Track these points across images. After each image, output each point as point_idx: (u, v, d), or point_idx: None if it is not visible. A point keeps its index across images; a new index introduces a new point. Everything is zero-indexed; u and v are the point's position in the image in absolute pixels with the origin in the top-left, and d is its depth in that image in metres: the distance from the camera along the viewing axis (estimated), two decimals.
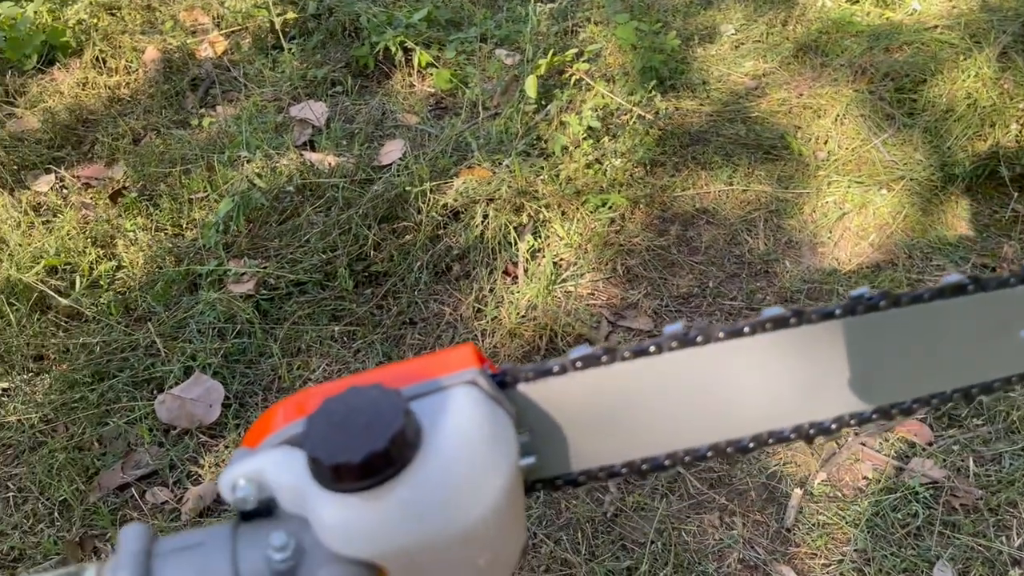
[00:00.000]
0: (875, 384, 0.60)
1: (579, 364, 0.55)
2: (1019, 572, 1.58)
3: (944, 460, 1.79)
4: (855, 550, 1.65)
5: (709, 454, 0.59)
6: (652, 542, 1.66)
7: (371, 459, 0.42)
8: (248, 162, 2.55)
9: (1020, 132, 2.42)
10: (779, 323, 0.57)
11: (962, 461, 1.78)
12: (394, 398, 0.44)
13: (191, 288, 2.25)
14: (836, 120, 2.72)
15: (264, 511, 0.47)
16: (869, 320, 0.59)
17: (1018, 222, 2.39)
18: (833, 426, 0.60)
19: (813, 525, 1.71)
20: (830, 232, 2.45)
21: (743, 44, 3.21)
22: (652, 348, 0.56)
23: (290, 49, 3.16)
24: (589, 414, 0.57)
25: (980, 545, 1.64)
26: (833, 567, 1.64)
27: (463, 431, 0.46)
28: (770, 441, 0.59)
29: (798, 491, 1.75)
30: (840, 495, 1.75)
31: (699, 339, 0.56)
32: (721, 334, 0.56)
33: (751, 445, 0.59)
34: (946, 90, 2.60)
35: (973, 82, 2.52)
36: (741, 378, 0.58)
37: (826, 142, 2.70)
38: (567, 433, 0.57)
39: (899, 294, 0.59)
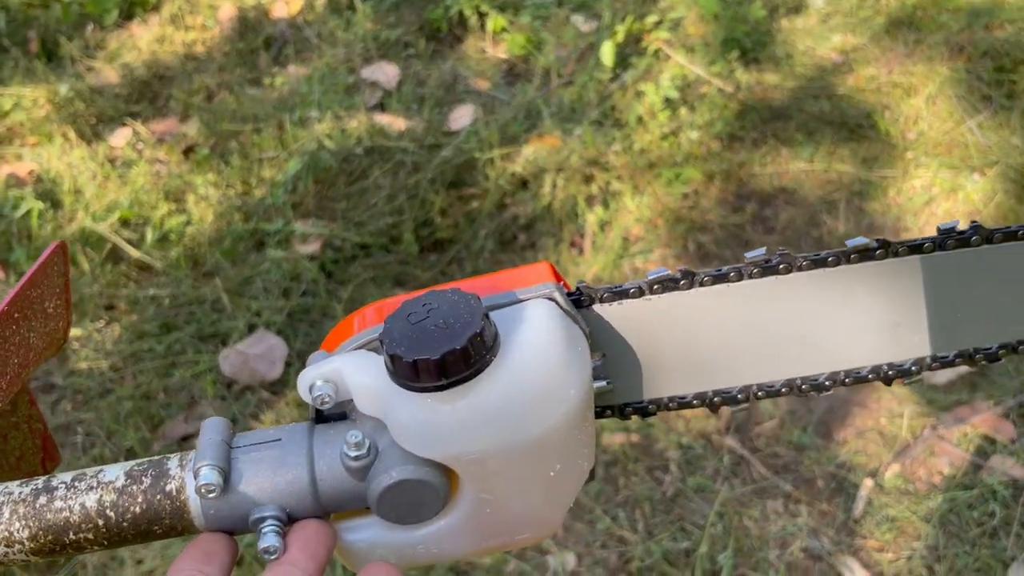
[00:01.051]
0: (960, 326, 0.58)
1: (656, 288, 0.54)
2: None
3: None
4: (926, 546, 1.58)
5: (783, 390, 0.57)
6: (712, 524, 1.62)
7: (449, 357, 0.42)
8: (318, 123, 2.54)
9: None
10: (865, 255, 0.55)
11: None
12: (473, 302, 0.45)
13: (258, 246, 2.26)
14: (928, 100, 2.59)
15: (340, 415, 0.49)
16: (959, 257, 0.56)
17: None
18: (914, 368, 0.58)
19: (882, 518, 1.64)
20: (915, 216, 2.34)
21: (832, 17, 3.07)
22: (732, 274, 0.54)
23: (364, 10, 3.14)
24: (663, 341, 0.56)
25: None
26: (902, 562, 1.57)
27: (539, 342, 0.47)
28: (847, 380, 0.58)
29: (868, 481, 1.68)
30: (913, 489, 1.68)
31: (782, 267, 0.54)
32: (804, 263, 0.54)
33: (827, 383, 0.57)
34: None
35: None
36: (822, 311, 0.56)
37: (916, 122, 2.57)
38: (640, 359, 0.56)
39: (993, 229, 0.55)
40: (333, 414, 0.50)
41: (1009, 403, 1.78)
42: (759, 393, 0.58)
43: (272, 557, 0.47)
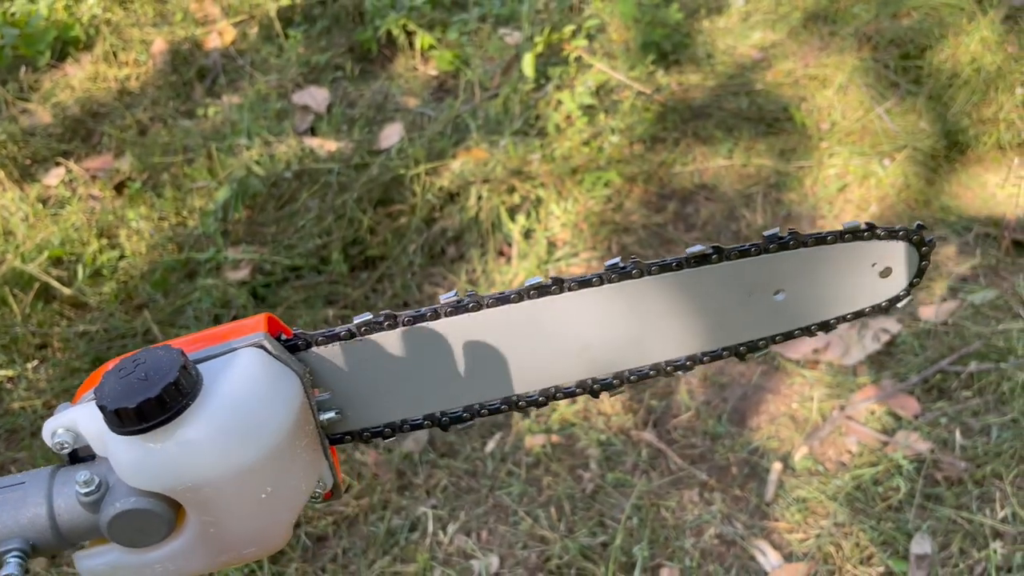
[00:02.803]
0: (652, 343, 0.67)
1: (364, 329, 0.62)
2: (1001, 544, 1.56)
3: (930, 433, 1.76)
4: (834, 524, 1.64)
5: (502, 407, 0.66)
6: (629, 518, 1.67)
7: (144, 405, 0.50)
8: (247, 149, 2.59)
9: None
10: (542, 291, 0.64)
11: (948, 434, 1.75)
12: (175, 355, 0.52)
13: (190, 275, 2.30)
14: (840, 90, 2.66)
15: (87, 456, 0.56)
16: (627, 287, 0.64)
17: (1022, 190, 2.32)
18: (615, 381, 0.68)
19: (793, 500, 1.69)
20: (830, 204, 2.41)
21: (752, 15, 3.15)
22: (429, 314, 0.63)
23: (295, 36, 3.19)
24: (383, 373, 0.64)
25: (962, 518, 1.62)
26: (811, 541, 1.63)
27: (242, 385, 0.54)
28: (558, 396, 0.67)
29: (778, 465, 1.73)
30: (822, 470, 1.74)
31: (471, 306, 0.63)
32: (489, 302, 0.63)
33: (541, 399, 0.66)
34: (951, 55, 2.53)
35: (978, 46, 2.45)
36: (513, 340, 0.65)
37: (829, 113, 2.65)
38: (367, 390, 0.64)
39: (650, 263, 0.63)
40: (86, 456, 0.57)
41: (913, 380, 1.85)
42: (482, 411, 0.66)
43: None
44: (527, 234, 2.34)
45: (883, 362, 1.93)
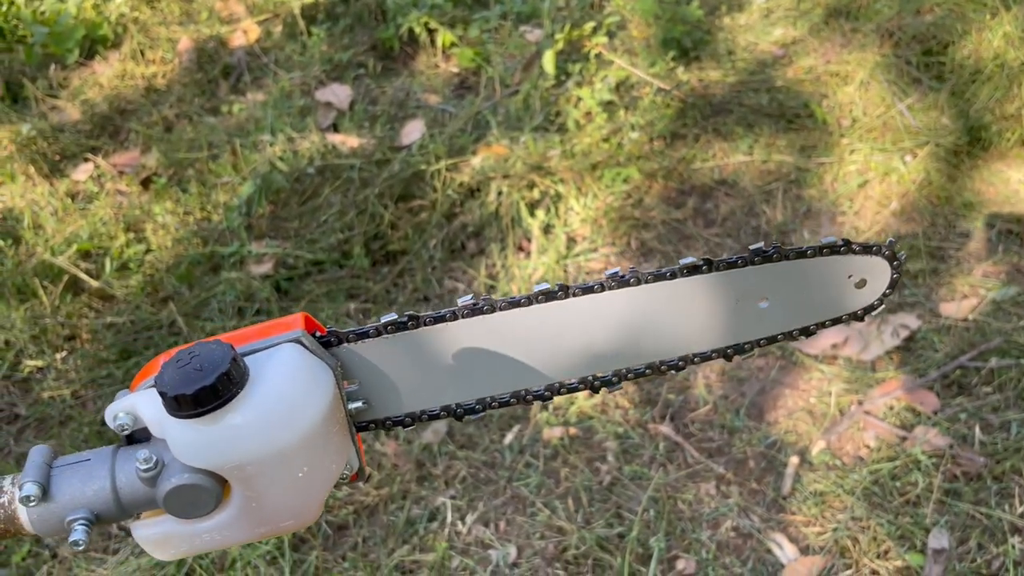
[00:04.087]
0: (648, 346, 0.73)
1: (390, 328, 0.69)
2: (1019, 540, 1.55)
3: (949, 428, 1.76)
4: (851, 518, 1.64)
5: (511, 400, 0.72)
6: (645, 510, 1.68)
7: (200, 392, 0.57)
8: (271, 145, 2.62)
9: None
10: (549, 296, 0.70)
11: (968, 429, 1.75)
12: (226, 349, 0.59)
13: (214, 269, 2.34)
14: (861, 86, 2.66)
15: (144, 438, 0.63)
16: (628, 294, 0.71)
17: None
18: (614, 378, 0.74)
19: (810, 493, 1.70)
20: (851, 201, 2.40)
21: (773, 12, 3.15)
22: (448, 316, 0.69)
23: (318, 33, 3.22)
24: (406, 367, 0.70)
25: (980, 513, 1.61)
26: (827, 535, 1.63)
27: (283, 377, 0.61)
28: (562, 391, 0.74)
29: (795, 459, 1.74)
30: (840, 464, 1.74)
31: (486, 308, 0.69)
32: (502, 305, 0.69)
33: (546, 393, 0.72)
34: (973, 51, 2.52)
35: (1001, 42, 2.43)
36: (521, 341, 0.71)
37: (851, 109, 2.64)
38: (391, 383, 0.70)
39: (648, 272, 0.70)
40: (142, 437, 0.64)
41: (932, 375, 1.85)
42: (492, 404, 0.73)
43: (79, 548, 0.61)
44: (546, 229, 2.36)
45: (902, 358, 1.93)
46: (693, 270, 0.72)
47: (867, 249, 0.75)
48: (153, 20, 3.36)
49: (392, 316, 0.68)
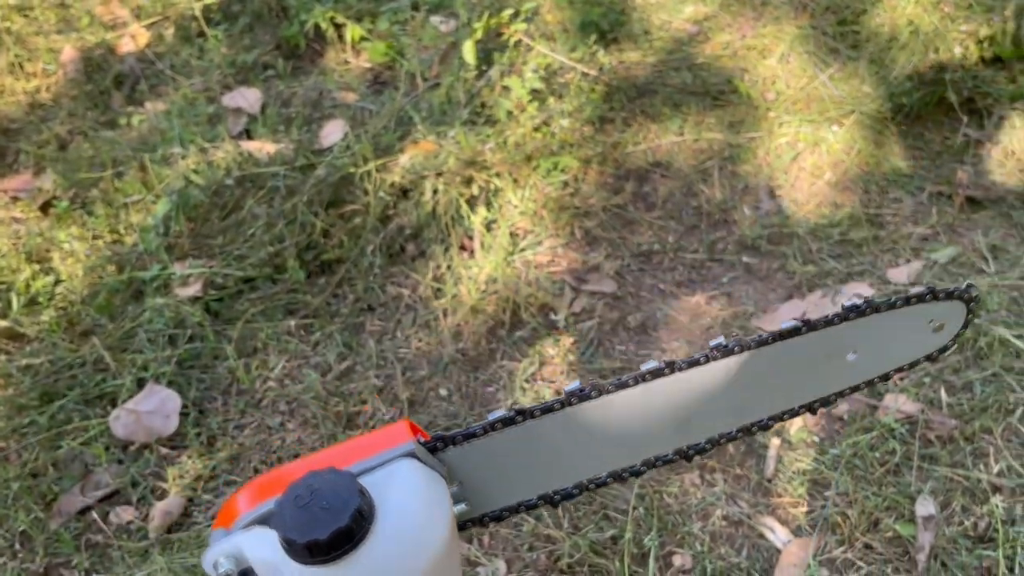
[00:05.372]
0: (737, 408, 0.74)
1: (498, 426, 0.67)
2: (1001, 499, 1.58)
3: (917, 394, 1.78)
4: (837, 494, 1.64)
5: (609, 480, 0.72)
6: (634, 508, 1.64)
7: (336, 536, 0.50)
8: (183, 158, 2.44)
9: (965, 55, 2.40)
10: (656, 374, 0.70)
11: (934, 393, 1.78)
12: (347, 479, 0.53)
13: (136, 296, 2.16)
14: (781, 59, 2.68)
15: None
16: (729, 363, 0.72)
17: (970, 146, 2.37)
18: (707, 445, 0.75)
19: (794, 473, 1.69)
20: (785, 174, 2.42)
21: None
22: (556, 406, 0.68)
23: (215, 35, 3.03)
24: (507, 463, 0.68)
25: (959, 475, 1.64)
26: (816, 513, 1.62)
27: (408, 499, 0.55)
28: (657, 464, 0.73)
29: (776, 440, 1.73)
30: (817, 440, 1.74)
31: (593, 394, 0.69)
32: (612, 387, 0.69)
33: (642, 468, 0.72)
34: (887, 18, 2.57)
35: (914, 8, 2.49)
36: (623, 420, 0.71)
37: (774, 82, 2.66)
38: (491, 479, 0.68)
39: (751, 339, 0.71)
40: None
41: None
42: (590, 485, 0.72)
43: None
44: (488, 226, 2.28)
45: None
46: (792, 333, 0.73)
47: (949, 295, 0.77)
48: (28, 30, 3.09)
49: (501, 413, 0.66)
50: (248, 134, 2.67)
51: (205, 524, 1.68)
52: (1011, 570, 1.49)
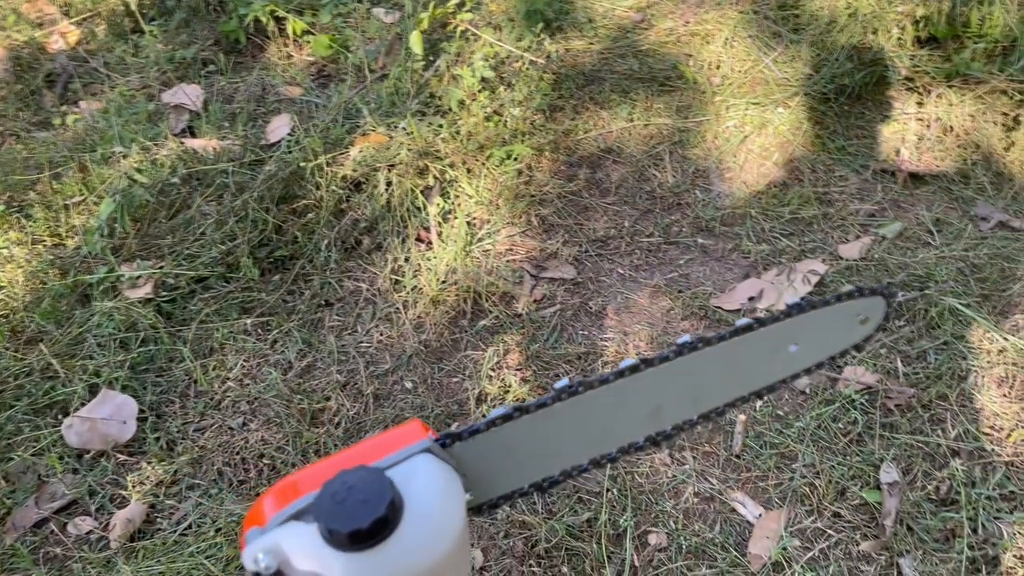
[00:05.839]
0: (701, 397, 0.83)
1: (498, 421, 0.73)
2: (960, 462, 1.63)
3: (875, 364, 1.82)
4: (804, 465, 1.67)
5: (591, 467, 0.79)
6: (608, 490, 1.64)
7: (376, 524, 0.56)
8: (124, 157, 2.37)
9: (902, 35, 2.47)
10: (634, 370, 0.77)
11: (891, 363, 1.82)
12: (377, 474, 0.58)
13: (82, 300, 2.09)
14: (725, 44, 2.71)
15: (272, 574, 0.59)
16: (693, 357, 0.80)
17: (910, 124, 2.44)
18: (672, 431, 0.83)
19: (761, 447, 1.72)
20: (734, 156, 2.45)
21: None
22: (549, 401, 0.74)
23: (151, 31, 2.95)
24: (506, 454, 0.74)
25: (919, 442, 1.68)
26: (785, 485, 1.65)
27: (430, 491, 0.61)
28: (630, 450, 0.81)
29: (742, 417, 1.75)
30: (782, 414, 1.77)
31: (580, 389, 0.75)
32: (596, 382, 0.75)
33: (617, 455, 0.80)
34: (827, 2, 2.62)
35: None
36: (612, 413, 0.78)
37: (718, 67, 2.69)
38: (491, 470, 0.74)
39: (710, 336, 0.80)
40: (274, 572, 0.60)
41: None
42: (573, 472, 0.78)
43: None
44: (445, 216, 2.26)
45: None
46: (745, 329, 0.81)
47: (873, 292, 0.89)
48: None
49: (502, 410, 0.72)
50: (191, 131, 2.60)
51: (170, 530, 1.64)
52: (974, 531, 1.54)
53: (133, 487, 1.72)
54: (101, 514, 1.69)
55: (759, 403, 1.78)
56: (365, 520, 0.56)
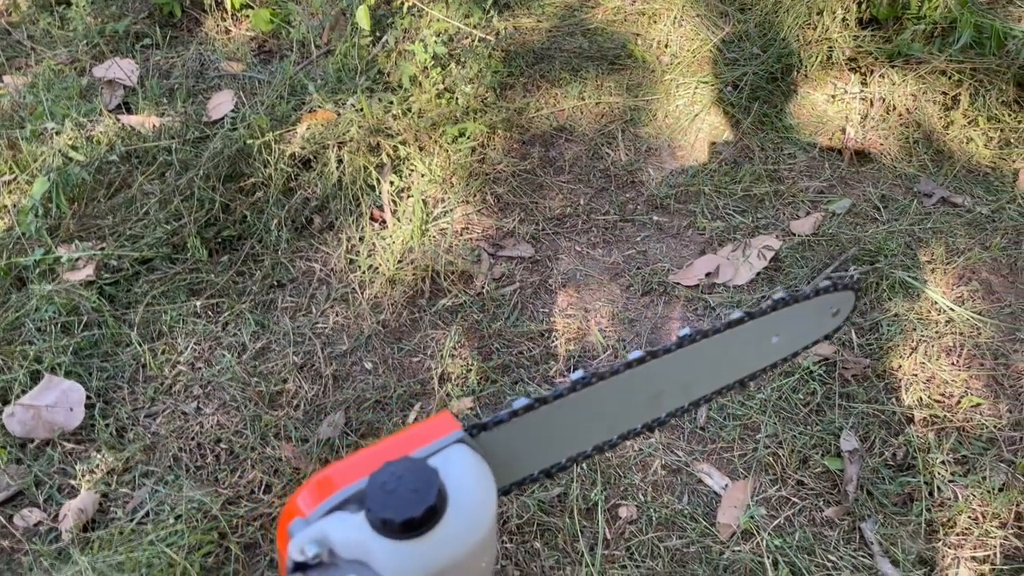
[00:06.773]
0: (692, 386, 0.88)
1: (520, 412, 0.75)
2: (915, 428, 1.68)
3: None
4: (767, 436, 1.70)
5: (593, 452, 0.83)
6: (577, 464, 1.64)
7: (427, 512, 0.57)
8: (57, 134, 2.25)
9: (845, 16, 2.52)
10: (640, 361, 0.81)
11: (846, 335, 1.86)
12: (423, 464, 0.59)
13: (17, 284, 1.98)
14: (674, 23, 2.73)
15: (318, 563, 0.60)
16: (693, 349, 0.84)
17: (855, 103, 2.49)
18: (666, 418, 0.88)
19: (724, 419, 1.74)
20: (685, 134, 2.47)
21: None
22: (565, 391, 0.77)
23: (79, 3, 2.81)
24: (522, 442, 0.77)
25: (876, 410, 1.73)
26: (749, 455, 1.68)
27: (468, 479, 0.63)
28: (629, 436, 0.85)
29: None
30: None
31: (594, 380, 0.78)
32: (608, 373, 0.79)
33: (618, 440, 0.84)
34: None
35: None
36: (618, 401, 0.81)
37: (667, 46, 2.71)
38: (509, 458, 0.76)
39: (705, 329, 0.84)
40: (312, 565, 0.61)
41: (805, 290, 1.94)
42: (579, 458, 0.82)
43: None
44: (399, 195, 2.22)
45: (772, 277, 2.02)
46: (737, 322, 0.85)
47: (845, 287, 0.96)
48: None
49: (524, 401, 0.74)
50: (127, 107, 2.50)
51: (126, 520, 1.57)
52: (931, 494, 1.59)
53: (83, 476, 1.65)
54: (49, 505, 1.62)
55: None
56: (418, 509, 0.57)
